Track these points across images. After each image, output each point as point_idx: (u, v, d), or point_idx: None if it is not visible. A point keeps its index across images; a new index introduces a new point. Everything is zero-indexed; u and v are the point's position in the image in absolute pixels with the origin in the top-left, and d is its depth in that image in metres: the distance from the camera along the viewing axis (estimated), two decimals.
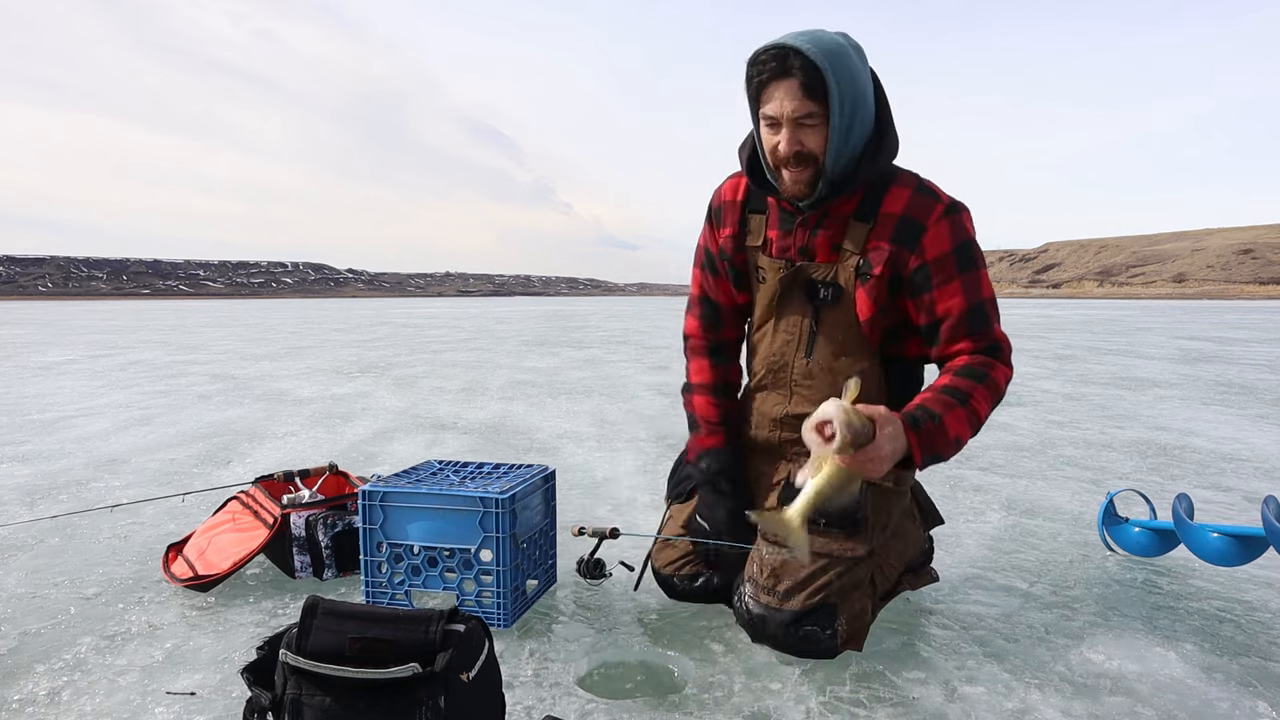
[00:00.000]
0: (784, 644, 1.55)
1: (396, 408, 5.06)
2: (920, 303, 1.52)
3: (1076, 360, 8.17)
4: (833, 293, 1.57)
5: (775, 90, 1.42)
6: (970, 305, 1.50)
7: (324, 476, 2.33)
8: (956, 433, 1.40)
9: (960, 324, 1.50)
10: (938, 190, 1.53)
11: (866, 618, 1.57)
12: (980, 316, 1.51)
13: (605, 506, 2.75)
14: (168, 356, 9.22)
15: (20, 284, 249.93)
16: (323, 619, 1.09)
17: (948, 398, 1.42)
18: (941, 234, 1.49)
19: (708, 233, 1.76)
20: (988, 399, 1.45)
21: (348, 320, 21.00)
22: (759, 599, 1.57)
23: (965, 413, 1.41)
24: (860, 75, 1.44)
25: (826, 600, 1.53)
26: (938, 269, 1.49)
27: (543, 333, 14.17)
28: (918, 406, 1.41)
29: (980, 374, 1.46)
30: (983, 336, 1.50)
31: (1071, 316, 21.94)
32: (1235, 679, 1.51)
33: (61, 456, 3.65)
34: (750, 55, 1.44)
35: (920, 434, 1.36)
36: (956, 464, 3.36)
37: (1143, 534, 2.15)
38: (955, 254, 1.49)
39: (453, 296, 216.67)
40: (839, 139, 1.44)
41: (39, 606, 1.88)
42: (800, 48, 1.37)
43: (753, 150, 1.57)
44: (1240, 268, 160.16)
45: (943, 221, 1.49)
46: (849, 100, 1.41)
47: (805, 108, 1.41)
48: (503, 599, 1.72)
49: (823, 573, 1.54)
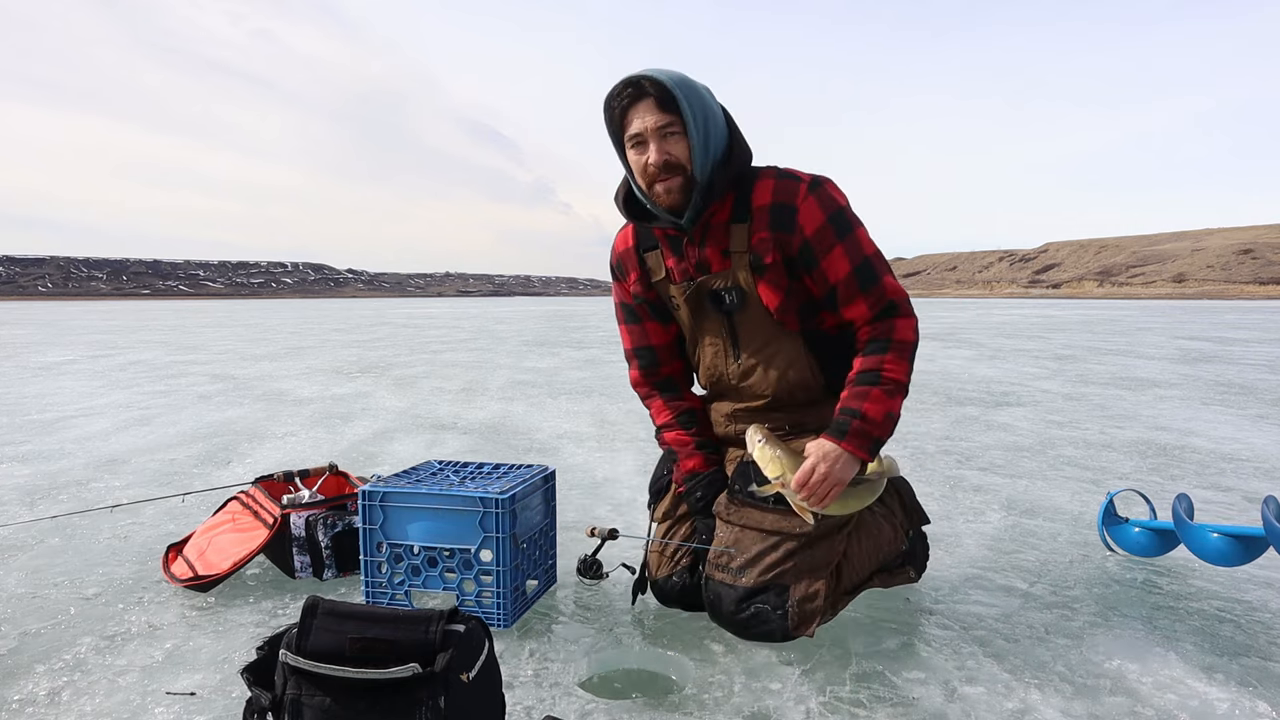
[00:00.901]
0: (736, 622, 1.60)
1: (396, 408, 5.06)
2: (814, 276, 1.63)
3: (1076, 360, 8.17)
4: (736, 295, 1.67)
5: (635, 112, 1.58)
6: (855, 266, 1.60)
7: (324, 477, 2.33)
8: (883, 412, 1.55)
9: (851, 285, 1.61)
10: (797, 172, 1.64)
11: (819, 603, 1.59)
12: (868, 273, 1.61)
13: (605, 506, 2.75)
14: (168, 356, 9.23)
15: (20, 284, 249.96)
16: (323, 619, 1.09)
17: (861, 386, 1.57)
18: (811, 209, 1.60)
19: (617, 289, 1.89)
20: (899, 361, 1.59)
21: (348, 320, 21.01)
22: (714, 576, 1.64)
23: (881, 390, 1.56)
24: (703, 92, 1.58)
25: (780, 579, 1.58)
26: (817, 241, 1.60)
27: (543, 333, 14.17)
28: (840, 409, 1.57)
29: (883, 343, 1.60)
30: (875, 294, 1.61)
31: (1071, 316, 21.94)
32: (1235, 679, 1.51)
33: (61, 456, 3.65)
34: (605, 96, 1.61)
35: (850, 436, 1.52)
36: (957, 464, 3.36)
37: (1143, 534, 2.15)
38: (830, 222, 1.60)
39: (452, 296, 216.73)
40: (700, 144, 1.57)
41: (39, 606, 1.88)
42: (649, 75, 1.55)
43: (627, 190, 1.70)
44: (1240, 268, 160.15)
45: (810, 197, 1.60)
46: (699, 111, 1.56)
47: (664, 118, 1.56)
48: (503, 599, 1.72)
49: (773, 550, 1.60)
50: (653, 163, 1.57)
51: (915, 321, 1.63)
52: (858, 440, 1.52)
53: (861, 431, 1.52)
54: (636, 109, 1.58)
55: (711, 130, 1.58)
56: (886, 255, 1.67)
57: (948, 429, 4.20)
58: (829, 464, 1.49)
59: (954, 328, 15.30)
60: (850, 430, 1.52)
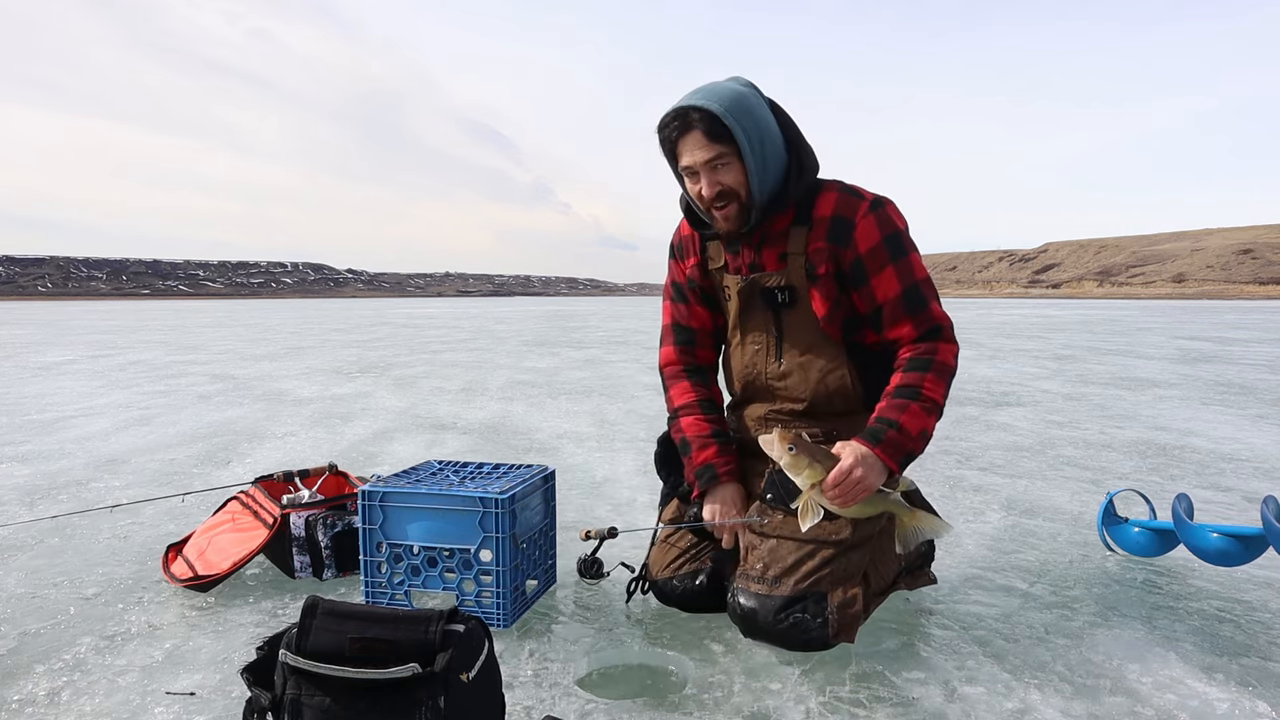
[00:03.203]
0: (775, 634, 1.56)
1: (396, 408, 5.06)
2: (862, 293, 1.64)
3: (1076, 360, 8.17)
4: (789, 295, 1.68)
5: (684, 145, 1.58)
6: (905, 288, 1.61)
7: (324, 477, 2.33)
8: (919, 427, 1.54)
9: (898, 307, 1.62)
10: (861, 190, 1.65)
11: (858, 608, 1.59)
12: (916, 298, 1.62)
13: (605, 506, 2.75)
14: (167, 356, 9.23)
15: (20, 284, 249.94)
16: (323, 619, 1.09)
17: (900, 399, 1.56)
18: (869, 227, 1.61)
19: (674, 267, 1.89)
20: (939, 382, 1.58)
21: (347, 320, 21.00)
22: (749, 589, 1.60)
23: (919, 406, 1.55)
24: (758, 109, 1.57)
25: (816, 586, 1.56)
26: (871, 259, 1.61)
27: (542, 333, 14.17)
28: (876, 418, 1.55)
29: (925, 362, 1.59)
30: (921, 317, 1.62)
31: (1071, 316, 21.94)
32: (1235, 679, 1.51)
33: (61, 456, 3.65)
34: (657, 124, 1.60)
35: (884, 444, 1.51)
36: (957, 464, 3.36)
37: (1143, 534, 2.15)
38: (885, 244, 1.61)
39: (452, 296, 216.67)
40: (758, 168, 1.57)
41: (39, 606, 1.88)
42: (695, 104, 1.54)
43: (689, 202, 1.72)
44: (1240, 268, 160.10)
45: (869, 216, 1.61)
46: (754, 134, 1.55)
47: (713, 151, 1.55)
48: (502, 599, 1.72)
49: (810, 558, 1.58)
50: (705, 196, 1.59)
51: (957, 349, 1.64)
52: (891, 450, 1.51)
53: (896, 442, 1.52)
54: (685, 141, 1.57)
55: (769, 151, 1.58)
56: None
57: (948, 429, 4.20)
58: (864, 468, 1.47)
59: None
60: (886, 439, 1.51)
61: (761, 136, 1.57)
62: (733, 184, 1.58)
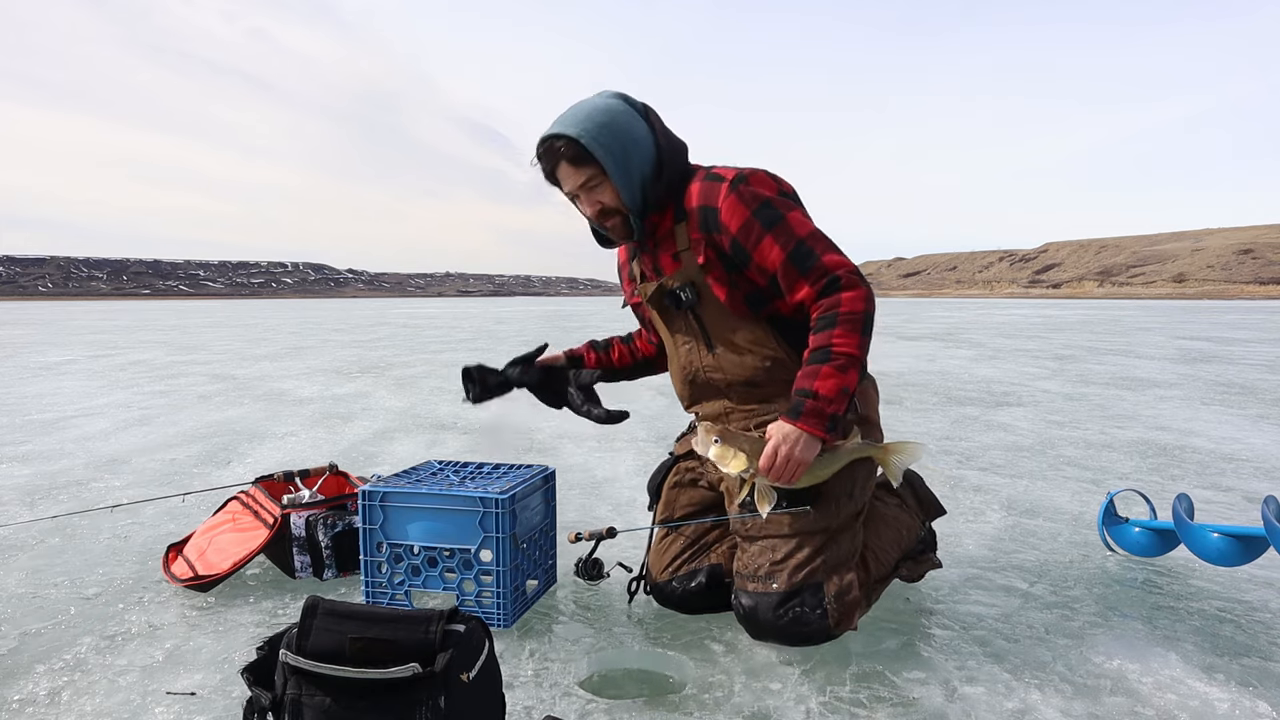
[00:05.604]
0: (777, 630, 1.58)
1: (396, 408, 5.07)
2: (753, 270, 1.64)
3: (1076, 360, 8.17)
4: (692, 291, 1.70)
5: (559, 174, 1.65)
6: (789, 252, 1.59)
7: (324, 477, 2.33)
8: (837, 388, 1.52)
9: (789, 270, 1.60)
10: (721, 171, 1.66)
11: (856, 595, 1.60)
12: (803, 254, 1.59)
13: (605, 507, 2.75)
14: (167, 356, 9.23)
15: (20, 284, 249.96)
16: (323, 619, 1.09)
17: (812, 365, 1.55)
18: (733, 206, 1.60)
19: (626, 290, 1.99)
20: (849, 334, 1.55)
21: (348, 320, 21.01)
22: (746, 589, 1.63)
23: (831, 367, 1.53)
24: (620, 122, 1.61)
25: (811, 578, 1.58)
26: (744, 236, 1.60)
27: (543, 333, 14.17)
28: (795, 391, 1.55)
29: (830, 318, 1.57)
30: (815, 273, 1.59)
31: (1071, 316, 21.93)
32: (1235, 679, 1.51)
33: (61, 456, 3.65)
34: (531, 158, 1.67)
35: (805, 416, 1.51)
36: (957, 464, 3.36)
37: (1143, 534, 2.15)
38: (755, 216, 1.60)
39: (453, 296, 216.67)
40: (624, 183, 1.62)
41: (39, 606, 1.88)
42: (557, 132, 1.59)
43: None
44: (1240, 268, 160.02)
45: (730, 196, 1.61)
46: (617, 149, 1.60)
47: (582, 175, 1.62)
48: (503, 599, 1.72)
49: (799, 550, 1.60)
50: (591, 215, 1.68)
51: (864, 291, 1.58)
52: (813, 419, 1.51)
53: (815, 410, 1.52)
54: (559, 171, 1.64)
55: (634, 162, 1.62)
56: (887, 255, 1.68)
57: (948, 429, 4.20)
58: (790, 445, 1.50)
59: (954, 328, 15.30)
60: (805, 410, 1.52)
61: (625, 149, 1.60)
62: (609, 201, 1.64)
